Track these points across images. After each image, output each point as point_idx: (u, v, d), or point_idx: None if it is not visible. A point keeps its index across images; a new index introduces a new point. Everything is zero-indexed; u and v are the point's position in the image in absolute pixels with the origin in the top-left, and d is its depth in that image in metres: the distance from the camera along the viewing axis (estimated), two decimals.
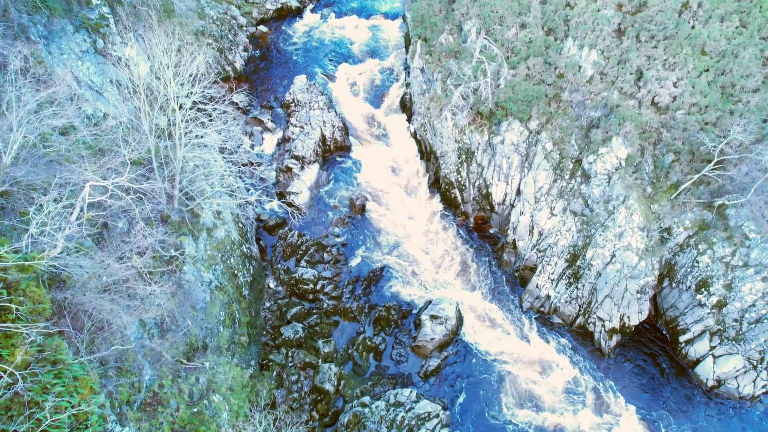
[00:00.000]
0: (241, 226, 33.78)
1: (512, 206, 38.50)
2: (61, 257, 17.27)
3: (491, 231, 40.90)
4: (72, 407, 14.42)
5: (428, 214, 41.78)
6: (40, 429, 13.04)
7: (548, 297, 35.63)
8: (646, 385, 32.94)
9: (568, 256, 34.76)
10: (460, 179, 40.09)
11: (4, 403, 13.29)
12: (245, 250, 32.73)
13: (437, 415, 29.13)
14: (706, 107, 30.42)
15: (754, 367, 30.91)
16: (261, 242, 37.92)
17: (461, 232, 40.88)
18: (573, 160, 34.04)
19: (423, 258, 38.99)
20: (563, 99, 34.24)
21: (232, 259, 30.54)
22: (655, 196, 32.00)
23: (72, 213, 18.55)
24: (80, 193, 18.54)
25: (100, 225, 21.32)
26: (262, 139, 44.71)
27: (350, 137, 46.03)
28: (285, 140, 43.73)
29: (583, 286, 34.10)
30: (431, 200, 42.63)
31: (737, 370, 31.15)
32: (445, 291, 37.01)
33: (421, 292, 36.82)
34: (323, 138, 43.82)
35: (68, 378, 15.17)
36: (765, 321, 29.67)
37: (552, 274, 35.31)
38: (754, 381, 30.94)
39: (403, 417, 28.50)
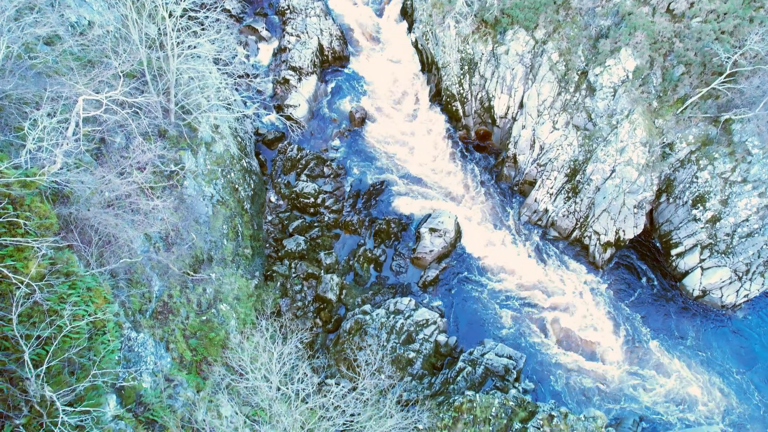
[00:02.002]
0: (240, 140, 33.49)
1: (514, 120, 37.89)
2: (61, 173, 17.37)
3: (492, 145, 40.59)
4: (89, 315, 15.26)
5: (429, 127, 41.22)
6: (62, 334, 13.88)
7: (546, 211, 36.17)
8: (634, 294, 34.42)
9: (568, 170, 34.81)
10: (462, 91, 39.08)
11: (25, 311, 14.05)
12: (245, 164, 32.73)
13: (434, 322, 30.78)
14: (725, 14, 28.90)
15: (739, 279, 32.15)
16: (260, 156, 37.81)
17: (462, 145, 40.58)
18: (579, 72, 32.97)
19: (423, 171, 39.06)
20: (572, 6, 32.44)
21: (232, 174, 30.64)
22: (661, 111, 31.39)
23: (68, 128, 18.36)
24: (74, 107, 18.23)
25: (97, 140, 21.18)
26: (257, 49, 42.96)
27: (349, 47, 44.21)
28: (281, 50, 42.05)
29: (582, 200, 34.49)
30: (432, 113, 41.85)
31: (723, 281, 32.44)
32: (444, 204, 37.49)
33: (420, 206, 37.31)
34: (321, 48, 42.10)
35: (82, 289, 15.90)
36: (756, 235, 30.39)
37: (551, 188, 35.56)
38: (737, 291, 32.34)
39: (402, 324, 30.11)
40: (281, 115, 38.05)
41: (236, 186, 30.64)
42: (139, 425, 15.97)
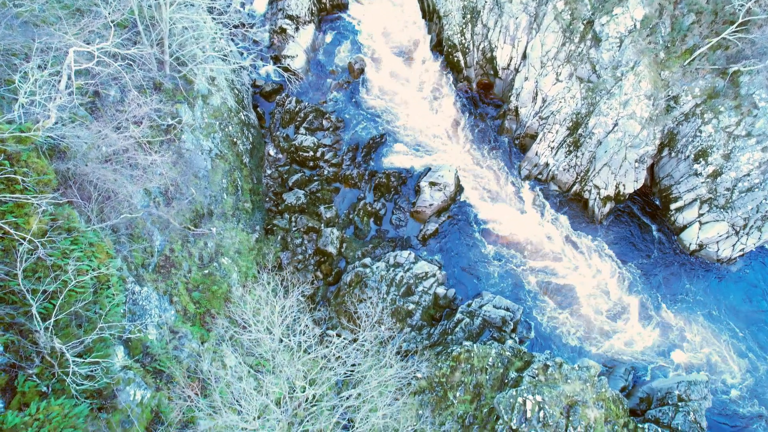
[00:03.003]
0: (237, 92, 32.85)
1: (517, 71, 37.00)
2: (56, 128, 17.14)
3: (494, 97, 39.85)
4: (92, 270, 15.48)
5: (429, 78, 40.33)
6: (67, 289, 14.13)
7: (547, 165, 35.96)
8: (632, 248, 34.76)
9: (570, 124, 34.34)
10: (463, 41, 37.97)
11: (30, 266, 14.24)
12: (243, 117, 32.25)
13: (433, 275, 31.24)
14: None
15: (736, 233, 32.38)
16: (258, 109, 37.19)
17: (463, 97, 39.85)
18: (584, 22, 31.91)
19: (423, 124, 38.55)
20: None
21: (230, 127, 30.25)
22: (668, 62, 30.61)
23: (60, 81, 17.96)
24: (65, 59, 17.75)
25: (91, 94, 20.77)
26: None
27: None
28: None
29: (583, 154, 34.23)
30: (433, 64, 40.84)
31: (720, 236, 32.69)
32: (444, 157, 37.22)
33: (420, 159, 37.06)
34: None
35: (84, 244, 16.05)
36: (756, 190, 30.36)
37: (552, 142, 35.21)
38: (733, 245, 32.66)
39: (401, 276, 30.57)
40: (279, 67, 37.12)
41: (234, 139, 30.32)
42: (147, 375, 16.52)
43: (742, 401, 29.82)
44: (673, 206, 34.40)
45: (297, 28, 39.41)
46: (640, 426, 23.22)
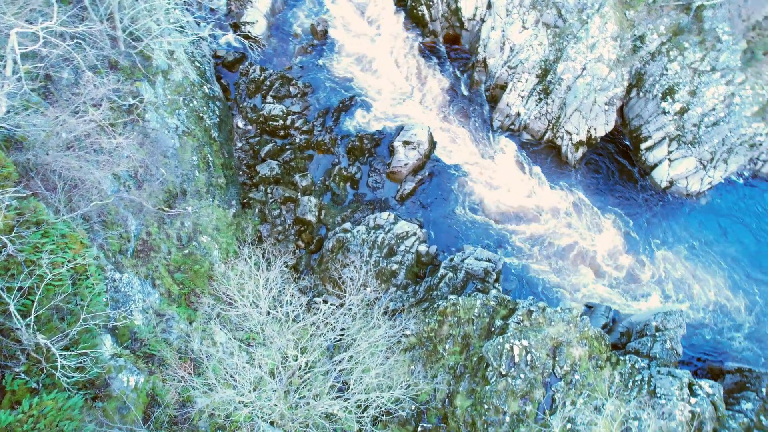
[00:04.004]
0: (198, 65, 31.72)
1: (483, 21, 36.41)
2: (9, 117, 16.42)
3: (461, 50, 39.29)
4: (68, 262, 15.19)
5: (395, 34, 39.44)
6: (44, 284, 13.88)
7: (518, 114, 35.98)
8: (605, 190, 35.43)
9: (539, 71, 34.21)
10: None
11: (1, 264, 13.90)
12: (207, 90, 31.28)
13: (414, 233, 31.51)
14: None
15: (704, 167, 33.24)
16: (222, 81, 36.05)
17: (430, 52, 39.20)
18: None
19: (392, 83, 37.97)
20: None
21: (194, 102, 29.37)
22: (632, 1, 30.42)
23: (5, 66, 17.07)
24: (7, 42, 16.82)
25: (42, 78, 19.84)
26: None
27: None
28: None
29: (553, 101, 34.29)
30: (397, 20, 39.87)
31: (689, 171, 33.52)
32: (416, 115, 36.90)
33: (392, 119, 36.68)
34: None
35: (56, 236, 15.67)
36: (721, 123, 30.99)
37: (522, 91, 35.12)
38: (701, 179, 33.57)
39: (383, 238, 30.77)
40: (239, 34, 35.81)
41: (201, 114, 29.50)
42: (138, 360, 16.57)
43: (719, 328, 31.33)
44: (643, 146, 34.97)
45: None
46: (622, 358, 24.32)
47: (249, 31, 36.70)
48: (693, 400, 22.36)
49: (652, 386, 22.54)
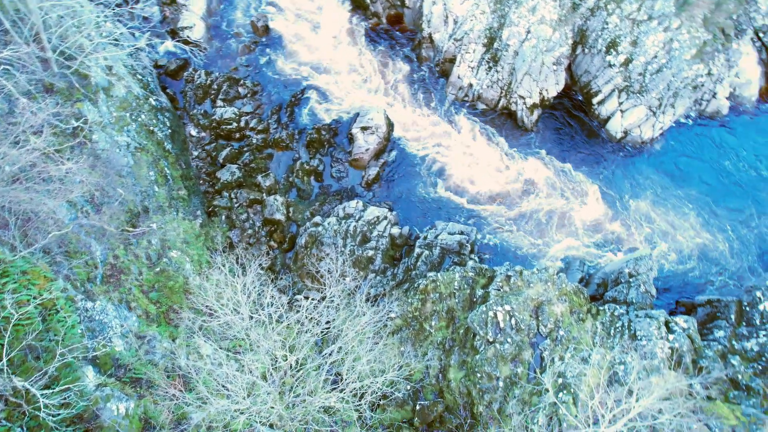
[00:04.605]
0: (141, 77, 30.69)
1: None
2: None
3: (406, 28, 39.13)
4: (34, 298, 14.67)
5: (338, 21, 38.98)
6: (11, 324, 13.39)
7: (471, 85, 36.22)
8: (564, 148, 36.18)
9: (485, 40, 34.43)
10: None
11: None
12: (154, 102, 30.34)
13: (385, 217, 31.59)
14: None
15: (654, 114, 34.29)
16: (168, 90, 34.98)
17: (375, 35, 38.94)
18: None
19: (341, 69, 37.62)
20: None
21: (142, 116, 28.48)
22: None
23: None
24: None
25: None
26: None
27: None
28: None
29: (503, 68, 34.61)
30: (338, 6, 39.38)
31: (640, 119, 34.52)
32: (370, 99, 36.73)
33: (346, 106, 36.42)
34: None
35: (16, 274, 15.10)
36: (664, 69, 31.92)
37: (471, 61, 35.32)
38: (653, 126, 34.65)
39: (354, 226, 30.75)
40: (178, 41, 34.74)
41: (151, 128, 28.64)
42: (125, 386, 16.23)
43: (689, 264, 32.63)
44: (594, 100, 35.76)
45: None
46: (601, 308, 25.15)
47: (188, 36, 35.67)
48: (671, 336, 23.36)
49: (633, 330, 23.42)
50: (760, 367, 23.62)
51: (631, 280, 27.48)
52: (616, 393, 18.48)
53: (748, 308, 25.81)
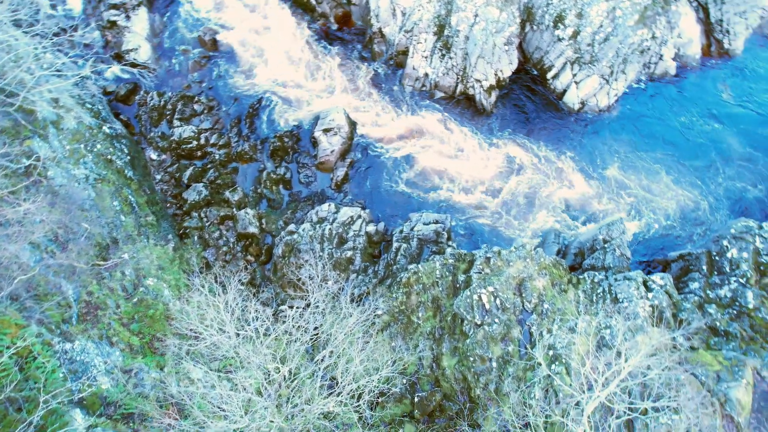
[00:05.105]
0: (90, 106, 29.81)
1: None
2: None
3: (355, 26, 39.04)
4: (7, 348, 14.15)
5: (286, 26, 38.61)
6: None
7: (426, 75, 36.40)
8: (527, 124, 36.74)
9: (435, 28, 34.63)
10: None
11: None
12: (108, 130, 29.51)
13: (359, 216, 31.55)
14: None
15: (607, 81, 35.11)
16: (122, 116, 34.07)
17: (326, 35, 38.73)
18: None
19: (295, 74, 37.30)
20: None
21: (98, 146, 27.69)
22: None
23: None
24: None
25: None
26: None
27: None
28: None
29: (456, 54, 34.89)
30: (284, 10, 39.01)
31: (595, 89, 35.31)
32: (328, 101, 36.54)
33: (305, 110, 36.15)
34: None
35: None
36: (611, 38, 32.70)
37: (424, 51, 35.48)
38: (608, 93, 35.49)
39: (329, 229, 30.62)
40: (124, 64, 33.86)
41: (109, 157, 27.88)
42: (117, 423, 15.82)
43: (659, 222, 33.56)
44: (549, 75, 36.40)
45: (128, 16, 35.75)
46: (581, 277, 25.70)
47: (134, 59, 34.79)
48: (650, 295, 24.06)
49: (614, 294, 24.02)
50: (734, 312, 24.55)
51: (606, 245, 28.15)
52: (606, 357, 18.93)
53: (717, 258, 26.76)
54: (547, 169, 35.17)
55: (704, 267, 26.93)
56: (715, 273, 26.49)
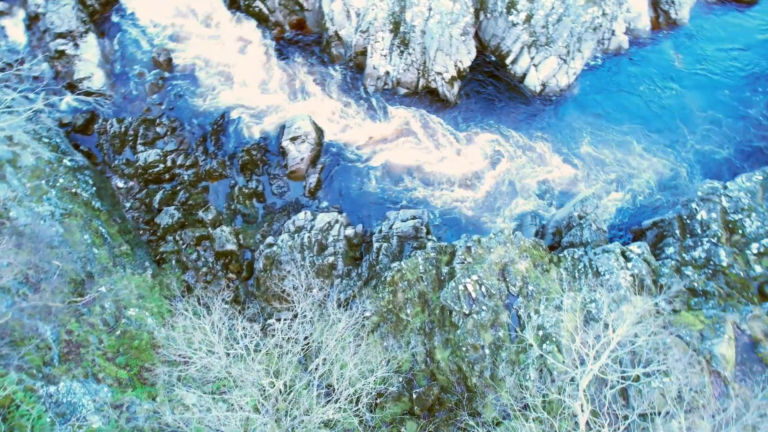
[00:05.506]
0: (48, 140, 28.99)
1: None
2: None
3: (311, 32, 38.86)
4: None
5: (241, 38, 38.20)
6: None
7: (387, 73, 36.46)
8: (492, 111, 37.14)
9: (391, 26, 34.71)
10: None
11: None
12: (69, 163, 28.75)
13: (336, 221, 31.44)
14: None
15: (565, 61, 35.75)
16: (82, 147, 33.20)
17: (282, 44, 38.47)
18: None
19: (256, 86, 36.95)
20: None
21: (60, 180, 26.95)
22: None
23: None
24: None
25: None
26: (2, 27, 35.52)
27: None
28: (33, 19, 35.15)
29: (414, 49, 35.03)
30: (237, 23, 38.58)
31: (554, 69, 35.91)
32: (292, 109, 36.30)
33: (270, 121, 35.84)
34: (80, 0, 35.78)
35: None
36: (563, 18, 33.31)
37: (383, 49, 35.55)
38: (567, 73, 36.14)
39: (308, 237, 30.44)
40: (78, 94, 32.98)
41: (73, 190, 27.16)
42: None
43: (632, 192, 34.29)
44: (508, 60, 36.86)
45: (76, 45, 34.86)
46: (561, 255, 26.10)
47: (88, 87, 33.94)
48: (629, 264, 24.59)
49: (595, 268, 24.47)
50: (710, 271, 25.28)
51: (581, 222, 28.65)
52: (594, 330, 19.26)
53: (688, 221, 27.51)
54: (519, 152, 35.62)
55: (677, 231, 27.64)
56: (688, 236, 27.22)
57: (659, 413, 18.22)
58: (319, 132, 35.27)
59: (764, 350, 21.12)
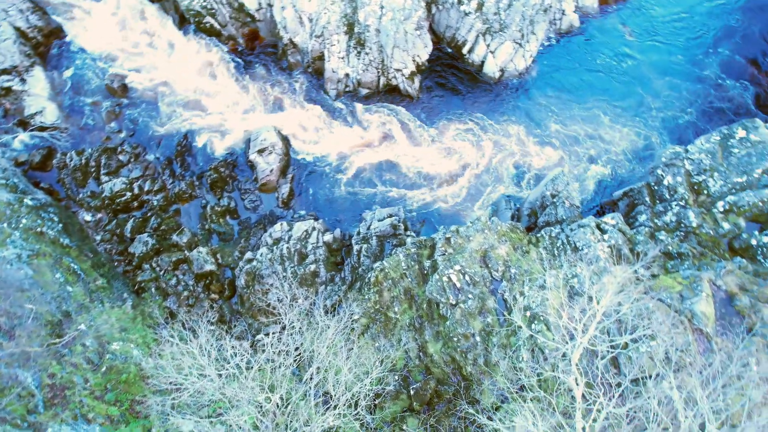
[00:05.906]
0: (5, 181, 28.05)
1: (270, 6, 35.84)
2: None
3: (266, 42, 38.51)
4: None
5: (195, 55, 37.62)
6: None
7: (347, 75, 36.40)
8: (455, 102, 37.40)
9: (345, 28, 34.66)
10: (204, 3, 35.50)
11: None
12: (30, 202, 27.86)
13: (314, 228, 31.25)
14: None
15: (520, 45, 36.26)
16: (42, 185, 32.21)
17: (238, 57, 38.03)
18: None
19: (216, 101, 36.45)
20: None
21: (23, 221, 26.11)
22: None
23: None
24: None
25: None
26: None
27: (53, 16, 36.94)
28: None
29: (371, 48, 35.05)
30: (190, 41, 37.98)
31: (510, 54, 36.38)
32: (255, 122, 35.91)
33: (234, 136, 35.37)
34: (21, 33, 34.69)
35: None
36: (514, 3, 33.79)
37: (339, 52, 35.45)
38: (523, 56, 36.66)
39: (287, 248, 30.18)
40: (31, 130, 32.02)
41: (38, 229, 26.34)
42: None
43: (601, 166, 34.95)
44: (464, 50, 37.19)
45: (23, 80, 33.84)
46: (539, 235, 26.48)
47: (41, 122, 32.94)
48: (605, 236, 25.10)
49: (573, 244, 24.89)
50: (682, 234, 26.00)
51: (554, 200, 29.11)
52: (579, 304, 19.61)
53: (656, 187, 28.23)
54: (486, 138, 35.98)
55: (647, 199, 28.33)
56: (658, 202, 27.93)
57: (650, 376, 18.66)
58: (286, 141, 35.00)
59: (740, 302, 21.84)
